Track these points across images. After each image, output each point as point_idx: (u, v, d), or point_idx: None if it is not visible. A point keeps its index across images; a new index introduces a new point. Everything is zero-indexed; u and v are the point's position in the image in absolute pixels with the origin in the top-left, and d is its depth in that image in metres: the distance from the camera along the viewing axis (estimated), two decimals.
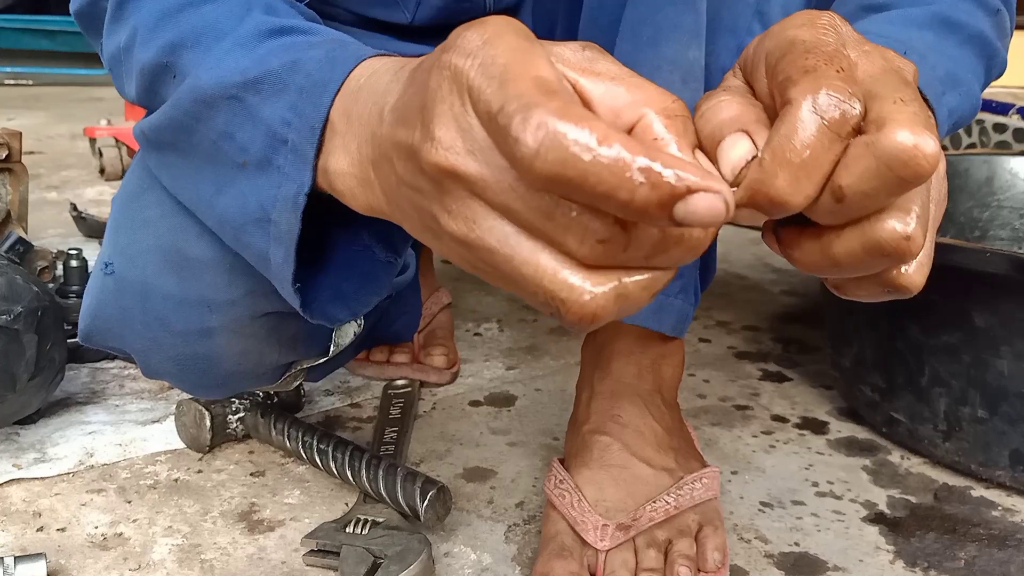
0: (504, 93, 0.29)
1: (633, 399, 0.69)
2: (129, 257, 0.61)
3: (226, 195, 0.49)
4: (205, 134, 0.48)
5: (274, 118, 0.44)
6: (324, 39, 0.46)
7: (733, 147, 0.34)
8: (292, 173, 0.44)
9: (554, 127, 0.27)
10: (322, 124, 0.42)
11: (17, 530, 0.69)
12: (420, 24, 0.72)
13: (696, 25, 0.59)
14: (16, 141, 1.16)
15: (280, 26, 0.47)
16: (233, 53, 0.46)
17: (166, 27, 0.50)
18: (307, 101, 0.43)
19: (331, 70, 0.42)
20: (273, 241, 0.47)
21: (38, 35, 3.53)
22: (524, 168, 0.28)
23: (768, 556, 0.69)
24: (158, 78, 0.50)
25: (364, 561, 0.62)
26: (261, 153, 0.45)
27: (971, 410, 0.78)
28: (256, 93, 0.45)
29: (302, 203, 0.44)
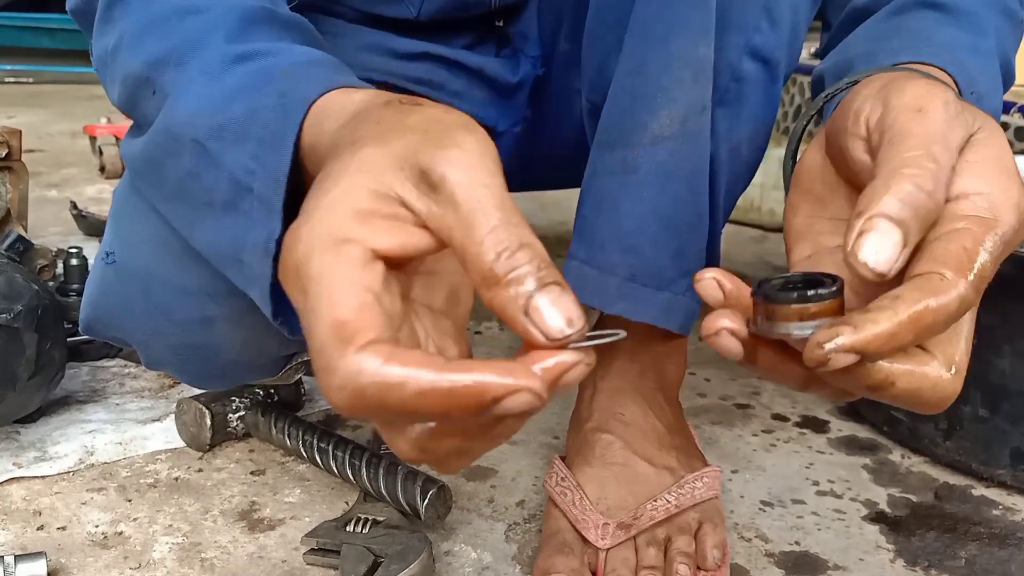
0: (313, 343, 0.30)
1: (635, 397, 0.69)
2: (130, 246, 0.61)
3: (200, 231, 0.49)
4: (173, 171, 0.48)
5: (236, 166, 0.44)
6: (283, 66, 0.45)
7: None
8: (260, 219, 0.43)
9: (357, 386, 0.29)
10: (286, 174, 0.41)
11: (17, 529, 0.69)
12: (425, 19, 0.72)
13: (706, 22, 0.59)
14: (16, 139, 1.15)
15: (242, 52, 0.46)
16: (197, 83, 0.46)
17: (150, 37, 0.49)
18: (268, 152, 0.42)
19: (285, 120, 0.41)
20: (247, 282, 0.46)
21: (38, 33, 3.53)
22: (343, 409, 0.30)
23: (769, 555, 0.68)
24: (139, 91, 0.50)
25: (364, 560, 0.62)
26: (226, 196, 0.45)
27: (972, 409, 0.78)
28: (219, 140, 0.44)
29: (272, 249, 0.43)
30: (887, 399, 0.36)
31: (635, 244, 0.62)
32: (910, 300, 0.34)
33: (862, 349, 0.33)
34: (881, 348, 0.33)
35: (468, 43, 0.78)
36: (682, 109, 0.60)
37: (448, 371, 0.29)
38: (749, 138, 0.66)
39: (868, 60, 0.52)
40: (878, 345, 0.33)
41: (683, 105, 0.60)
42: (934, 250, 0.35)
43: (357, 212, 0.31)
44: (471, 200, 0.31)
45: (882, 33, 0.55)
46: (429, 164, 0.31)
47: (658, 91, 0.60)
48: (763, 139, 0.68)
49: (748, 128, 0.65)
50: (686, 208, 0.63)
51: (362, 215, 0.31)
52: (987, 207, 0.36)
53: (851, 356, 0.33)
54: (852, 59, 0.54)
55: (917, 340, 0.34)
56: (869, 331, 0.33)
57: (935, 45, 0.51)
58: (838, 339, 0.33)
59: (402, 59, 0.73)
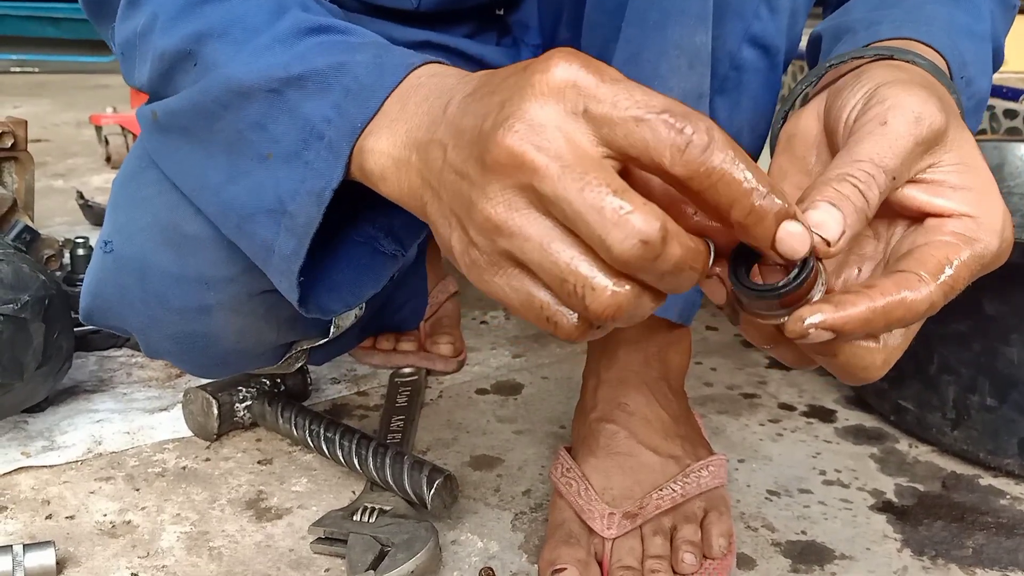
0: (658, 100, 0.33)
1: (640, 387, 0.69)
2: (128, 235, 0.61)
3: (238, 184, 0.49)
4: (231, 123, 0.48)
5: (315, 114, 0.44)
6: (367, 41, 0.46)
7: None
8: (322, 168, 0.44)
9: (720, 136, 0.32)
10: (366, 123, 0.43)
11: (26, 518, 0.69)
12: (426, 10, 0.72)
13: (703, 10, 0.59)
14: (22, 129, 1.15)
15: (319, 24, 0.47)
16: (273, 49, 0.46)
17: (190, 17, 0.49)
18: (353, 102, 0.43)
19: (380, 76, 0.43)
20: (284, 232, 0.47)
21: (44, 22, 3.52)
22: (688, 158, 0.32)
23: (775, 544, 0.68)
24: (177, 65, 0.50)
25: (371, 549, 0.62)
26: (292, 146, 0.45)
27: (980, 398, 0.77)
28: (299, 89, 0.45)
29: (327, 198, 0.44)
30: (824, 364, 0.40)
31: None
32: (887, 291, 0.36)
33: (840, 328, 0.36)
34: (855, 329, 0.36)
35: (468, 32, 0.78)
36: (679, 97, 0.60)
37: None
38: (750, 126, 0.65)
39: (868, 26, 0.52)
40: (853, 327, 0.36)
41: (680, 93, 0.60)
42: (917, 254, 0.38)
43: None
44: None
45: (883, 3, 0.55)
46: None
47: (655, 79, 0.60)
48: (764, 127, 0.67)
49: (748, 116, 0.65)
50: None
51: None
52: (973, 228, 0.39)
53: (828, 334, 0.36)
54: (852, 23, 0.54)
55: (885, 329, 0.37)
56: (847, 312, 0.36)
57: (933, 25, 0.51)
58: (818, 316, 0.36)
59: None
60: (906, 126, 0.40)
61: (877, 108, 0.41)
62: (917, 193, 0.41)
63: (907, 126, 0.40)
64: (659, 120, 0.32)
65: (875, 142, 0.40)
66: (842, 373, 0.39)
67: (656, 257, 0.32)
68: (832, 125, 0.44)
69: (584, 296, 0.33)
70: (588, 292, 0.33)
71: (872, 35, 0.51)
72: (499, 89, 0.36)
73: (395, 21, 0.73)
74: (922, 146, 0.40)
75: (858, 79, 0.44)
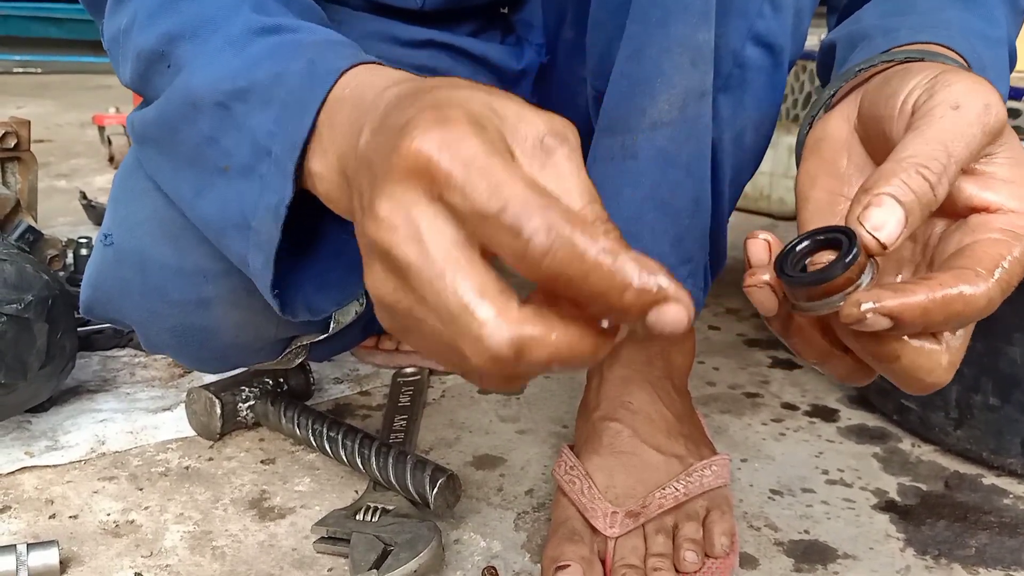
0: (502, 194, 0.30)
1: (643, 386, 0.69)
2: (127, 228, 0.61)
3: (206, 198, 0.49)
4: (189, 135, 0.49)
5: (259, 129, 0.45)
6: (309, 41, 0.46)
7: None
8: (274, 184, 0.44)
9: (565, 232, 0.29)
10: (304, 140, 0.42)
11: (30, 517, 0.69)
12: (431, 9, 0.72)
13: (706, 7, 0.59)
14: (25, 129, 1.15)
15: (268, 25, 0.47)
16: (224, 53, 0.47)
17: (165, 14, 0.50)
18: (290, 116, 0.43)
19: (311, 87, 0.43)
20: (253, 247, 0.47)
21: (46, 23, 3.53)
22: (530, 263, 0.30)
23: (778, 544, 0.68)
24: (153, 66, 0.51)
25: (374, 548, 0.62)
26: (245, 160, 0.46)
27: (983, 398, 0.77)
28: (243, 102, 0.45)
29: (283, 214, 0.44)
30: (886, 372, 0.38)
31: (634, 230, 0.62)
32: (947, 283, 0.35)
33: (898, 315, 0.35)
34: (914, 319, 0.35)
35: (472, 30, 0.78)
36: (681, 94, 0.60)
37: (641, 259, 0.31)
38: (754, 125, 0.65)
39: (886, 33, 0.51)
40: (912, 315, 0.35)
41: (682, 90, 0.60)
42: (969, 252, 0.37)
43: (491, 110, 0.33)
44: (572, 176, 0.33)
45: (896, 9, 0.54)
46: (549, 132, 0.34)
47: (657, 76, 0.60)
48: (768, 126, 0.67)
49: (752, 115, 0.65)
50: (686, 194, 0.62)
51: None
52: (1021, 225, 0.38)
53: (886, 320, 0.35)
54: (867, 30, 0.53)
55: (943, 324, 0.36)
56: (907, 299, 0.35)
57: (951, 29, 0.50)
58: (878, 302, 0.35)
59: (406, 46, 0.73)
60: (976, 113, 0.39)
61: (945, 92, 0.40)
62: (967, 185, 0.40)
63: (977, 113, 0.39)
64: (497, 221, 0.30)
65: (946, 126, 0.38)
66: (906, 379, 0.38)
67: (515, 365, 0.30)
68: (879, 113, 0.43)
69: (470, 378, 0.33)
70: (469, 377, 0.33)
71: (891, 40, 0.50)
72: (380, 147, 0.34)
73: (400, 20, 0.73)
74: (988, 136, 0.39)
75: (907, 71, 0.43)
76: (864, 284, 0.36)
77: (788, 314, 0.40)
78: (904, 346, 0.37)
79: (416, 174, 0.31)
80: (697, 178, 0.62)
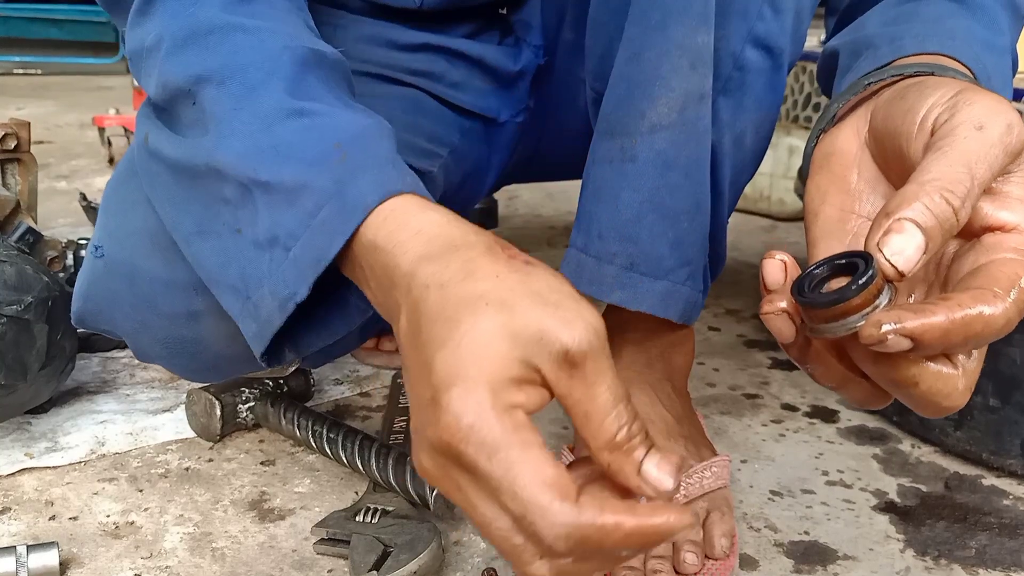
0: (520, 501, 0.34)
1: (643, 387, 0.69)
2: (118, 239, 0.61)
3: (207, 242, 0.49)
4: (210, 189, 0.48)
5: (280, 225, 0.45)
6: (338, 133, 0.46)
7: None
8: (288, 279, 0.45)
9: (578, 533, 0.34)
10: (329, 262, 0.43)
11: (29, 519, 0.69)
12: (429, 8, 0.72)
13: (705, 9, 0.59)
14: (25, 131, 1.15)
15: (298, 109, 0.47)
16: (250, 127, 0.46)
17: (194, 50, 0.50)
18: (317, 233, 0.43)
19: (341, 219, 0.43)
20: (247, 316, 0.47)
21: (47, 24, 3.53)
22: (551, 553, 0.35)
23: (778, 545, 0.68)
24: (178, 99, 0.51)
25: (374, 549, 0.62)
26: (261, 237, 0.46)
27: (983, 399, 0.77)
28: (265, 193, 0.45)
29: (291, 309, 0.45)
30: (904, 397, 0.38)
31: (633, 233, 0.62)
32: (966, 304, 0.35)
33: (919, 336, 0.35)
34: (934, 340, 0.35)
35: (470, 32, 0.78)
36: (680, 97, 0.60)
37: (642, 516, 0.34)
38: (754, 127, 0.65)
39: (891, 41, 0.51)
40: (932, 337, 0.35)
41: (681, 93, 0.60)
42: (985, 272, 0.37)
43: (514, 379, 0.35)
44: (602, 382, 0.36)
45: (899, 17, 0.54)
46: (573, 348, 0.36)
47: (656, 79, 0.60)
48: (768, 128, 0.67)
49: (752, 117, 0.65)
50: (685, 197, 0.62)
51: (517, 382, 0.35)
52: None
53: (906, 341, 0.35)
54: (871, 38, 0.53)
55: (962, 345, 0.36)
56: (927, 319, 0.35)
57: (956, 39, 0.50)
58: (899, 323, 0.35)
59: (401, 50, 0.73)
60: (999, 134, 0.38)
61: (967, 111, 0.39)
62: (983, 204, 0.39)
63: (1000, 134, 0.38)
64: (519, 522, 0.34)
65: (971, 147, 0.38)
66: (924, 403, 0.38)
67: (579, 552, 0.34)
68: (895, 128, 0.42)
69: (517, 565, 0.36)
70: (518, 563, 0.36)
71: (896, 50, 0.50)
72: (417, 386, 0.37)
73: (397, 21, 0.73)
74: (1009, 157, 0.39)
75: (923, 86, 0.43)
76: (882, 306, 0.36)
77: (805, 340, 0.40)
78: (923, 371, 0.37)
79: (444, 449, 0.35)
80: (696, 181, 0.62)
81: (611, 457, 0.36)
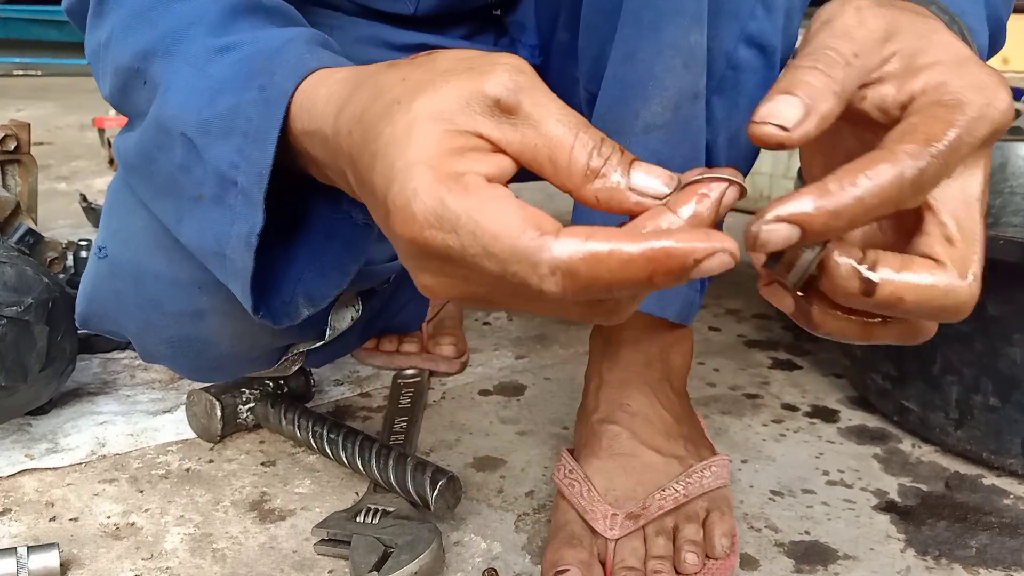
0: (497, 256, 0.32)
1: (642, 388, 0.69)
2: (122, 240, 0.62)
3: (186, 225, 0.50)
4: (164, 165, 0.49)
5: (221, 161, 0.45)
6: (264, 53, 0.46)
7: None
8: (244, 214, 0.45)
9: (569, 267, 0.31)
10: (269, 168, 0.43)
11: (30, 520, 0.69)
12: (423, 14, 0.72)
13: (698, 9, 0.59)
14: (25, 132, 1.15)
15: (224, 45, 0.47)
16: (184, 74, 0.47)
17: (139, 29, 0.50)
18: (252, 146, 0.44)
19: (267, 116, 0.43)
20: (230, 276, 0.48)
21: (46, 25, 3.53)
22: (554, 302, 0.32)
23: (778, 545, 0.68)
24: (129, 82, 0.51)
25: (375, 550, 0.62)
26: (214, 190, 0.46)
27: (983, 398, 0.77)
28: (205, 135, 0.46)
29: (254, 243, 0.45)
30: (903, 314, 0.36)
31: None
32: (855, 169, 0.34)
33: (798, 219, 0.33)
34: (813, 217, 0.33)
35: (465, 33, 0.78)
36: (674, 97, 0.60)
37: (648, 239, 0.31)
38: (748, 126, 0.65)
39: None
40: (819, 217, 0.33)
41: (675, 93, 0.60)
42: (899, 129, 0.35)
43: (450, 151, 0.33)
44: (549, 116, 0.33)
45: None
46: (500, 93, 0.33)
47: (649, 79, 0.60)
48: None
49: (746, 116, 0.64)
50: None
51: (456, 152, 0.33)
52: (952, 93, 0.36)
53: (783, 226, 0.33)
54: None
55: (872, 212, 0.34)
56: (801, 196, 0.33)
57: None
58: (768, 213, 0.33)
59: (398, 51, 0.73)
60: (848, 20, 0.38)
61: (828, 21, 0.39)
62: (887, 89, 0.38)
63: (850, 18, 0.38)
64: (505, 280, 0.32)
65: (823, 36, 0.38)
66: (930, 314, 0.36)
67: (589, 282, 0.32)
68: None
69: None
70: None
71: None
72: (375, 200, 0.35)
73: (392, 24, 0.73)
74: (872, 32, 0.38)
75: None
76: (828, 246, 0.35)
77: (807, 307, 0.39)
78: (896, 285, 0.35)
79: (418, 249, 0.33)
80: None
81: (597, 189, 0.33)
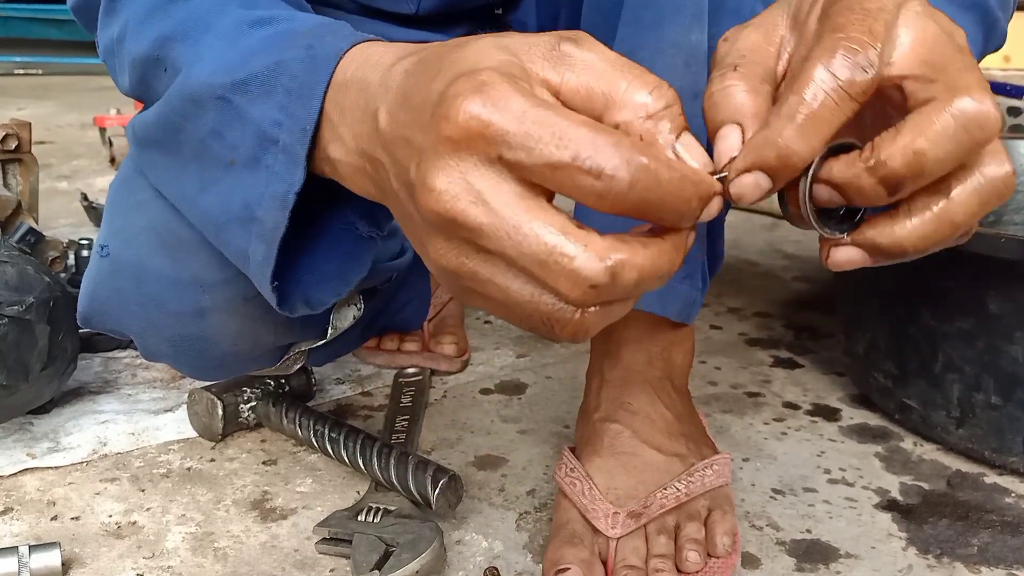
0: (568, 141, 0.31)
1: (643, 386, 0.69)
2: (124, 239, 0.62)
3: (210, 193, 0.50)
4: (193, 132, 0.49)
5: (264, 119, 0.45)
6: (302, 29, 0.46)
7: (725, 139, 0.37)
8: (282, 172, 0.45)
9: (642, 162, 0.31)
10: (313, 125, 0.43)
11: (32, 519, 0.69)
12: (425, 13, 0.72)
13: (698, 8, 0.59)
14: (26, 131, 1.15)
15: (260, 17, 0.47)
16: (217, 47, 0.47)
17: (156, 19, 0.50)
18: (296, 103, 0.44)
19: (314, 71, 0.43)
20: (255, 239, 0.47)
21: (47, 24, 3.53)
22: (614, 199, 0.32)
23: (780, 543, 0.68)
24: (149, 71, 0.51)
25: (376, 549, 0.62)
26: (250, 152, 0.46)
27: (985, 396, 0.77)
28: (243, 94, 0.46)
29: (291, 201, 0.45)
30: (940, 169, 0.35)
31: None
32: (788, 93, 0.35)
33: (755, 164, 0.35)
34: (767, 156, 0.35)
35: (467, 32, 0.78)
36: None
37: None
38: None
39: None
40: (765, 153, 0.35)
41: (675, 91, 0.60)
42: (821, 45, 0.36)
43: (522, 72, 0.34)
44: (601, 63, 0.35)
45: None
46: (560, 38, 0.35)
47: None
48: None
49: None
50: None
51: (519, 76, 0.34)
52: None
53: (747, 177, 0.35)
54: None
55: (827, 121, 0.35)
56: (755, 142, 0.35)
57: None
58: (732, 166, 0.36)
59: None
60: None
61: None
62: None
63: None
64: (573, 168, 0.31)
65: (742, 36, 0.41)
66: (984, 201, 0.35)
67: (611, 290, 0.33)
68: None
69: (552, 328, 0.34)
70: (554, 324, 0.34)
71: None
72: (415, 123, 0.35)
73: (394, 23, 0.73)
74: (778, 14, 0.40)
75: None
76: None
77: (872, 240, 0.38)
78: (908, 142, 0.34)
79: (469, 141, 0.32)
80: None
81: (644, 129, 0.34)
